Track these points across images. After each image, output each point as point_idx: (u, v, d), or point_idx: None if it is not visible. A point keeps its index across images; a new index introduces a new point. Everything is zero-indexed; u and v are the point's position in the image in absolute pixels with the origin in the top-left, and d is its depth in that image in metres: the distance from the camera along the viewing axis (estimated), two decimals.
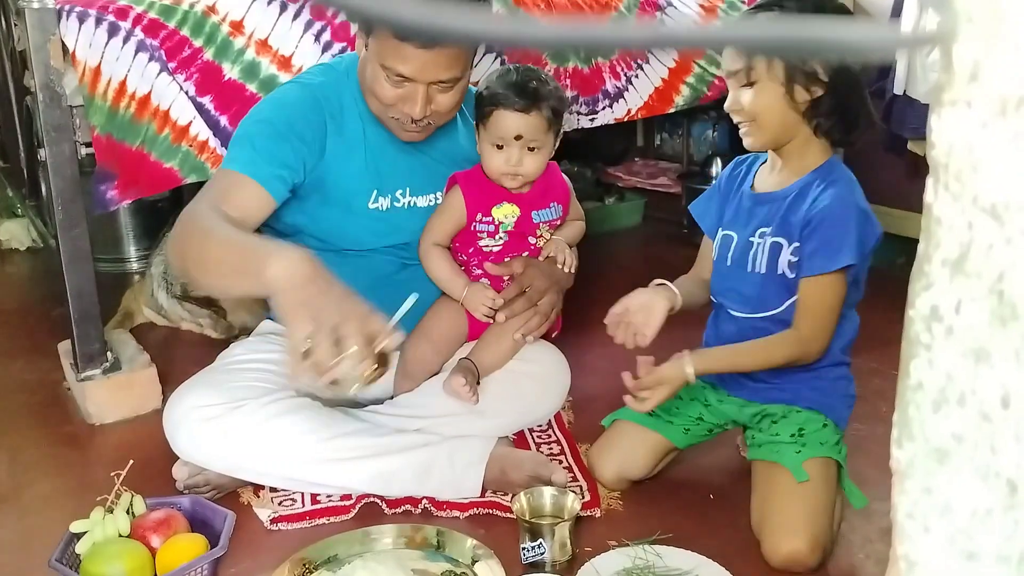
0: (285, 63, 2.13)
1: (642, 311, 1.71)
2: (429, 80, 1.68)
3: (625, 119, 2.63)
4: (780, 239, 1.65)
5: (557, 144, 1.88)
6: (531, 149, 1.81)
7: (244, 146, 1.72)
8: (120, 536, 1.55)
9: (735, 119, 1.66)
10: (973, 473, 0.49)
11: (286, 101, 1.78)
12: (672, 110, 2.69)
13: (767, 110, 1.60)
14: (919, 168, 2.77)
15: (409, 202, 1.89)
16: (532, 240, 1.95)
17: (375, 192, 1.85)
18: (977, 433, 0.49)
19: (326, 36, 2.16)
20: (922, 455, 0.50)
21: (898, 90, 2.60)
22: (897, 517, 0.52)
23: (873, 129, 1.67)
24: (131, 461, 1.61)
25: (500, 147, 1.79)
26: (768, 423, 1.71)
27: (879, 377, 1.80)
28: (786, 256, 1.64)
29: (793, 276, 1.64)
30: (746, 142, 1.67)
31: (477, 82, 1.91)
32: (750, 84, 1.60)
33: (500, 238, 1.90)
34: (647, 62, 2.58)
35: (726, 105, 1.66)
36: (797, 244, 1.62)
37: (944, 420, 0.50)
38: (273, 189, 1.71)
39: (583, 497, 1.75)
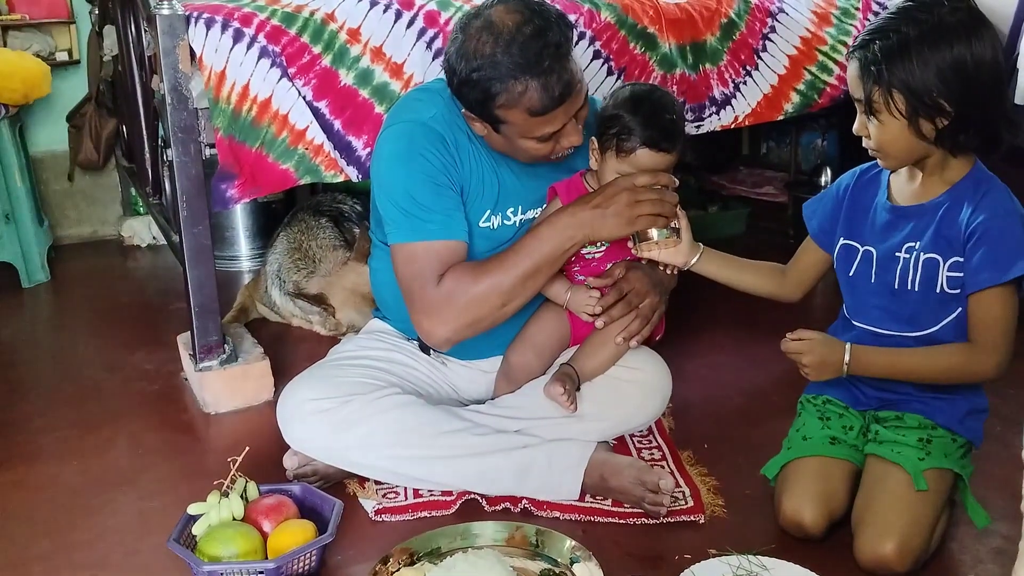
0: (397, 71, 2.19)
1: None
2: (575, 114, 1.74)
3: (732, 126, 2.60)
4: (934, 255, 1.59)
5: None
6: None
7: (424, 214, 1.76)
8: (234, 519, 1.61)
9: (863, 143, 1.62)
10: None
11: (419, 149, 1.78)
12: (781, 117, 2.64)
13: (891, 143, 1.56)
14: None
15: (519, 220, 1.91)
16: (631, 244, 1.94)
17: (488, 212, 1.87)
18: None
19: (438, 43, 2.21)
20: None
21: (1019, 100, 2.51)
22: None
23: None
24: (247, 447, 1.67)
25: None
26: (895, 420, 1.67)
27: (991, 394, 1.73)
28: (943, 272, 1.58)
29: (956, 291, 1.58)
30: (879, 163, 1.65)
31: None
32: (873, 115, 1.55)
33: (601, 244, 1.91)
34: (756, 68, 2.55)
35: (854, 128, 1.61)
36: (958, 259, 1.57)
37: None
38: (465, 235, 1.79)
39: (686, 503, 1.75)
